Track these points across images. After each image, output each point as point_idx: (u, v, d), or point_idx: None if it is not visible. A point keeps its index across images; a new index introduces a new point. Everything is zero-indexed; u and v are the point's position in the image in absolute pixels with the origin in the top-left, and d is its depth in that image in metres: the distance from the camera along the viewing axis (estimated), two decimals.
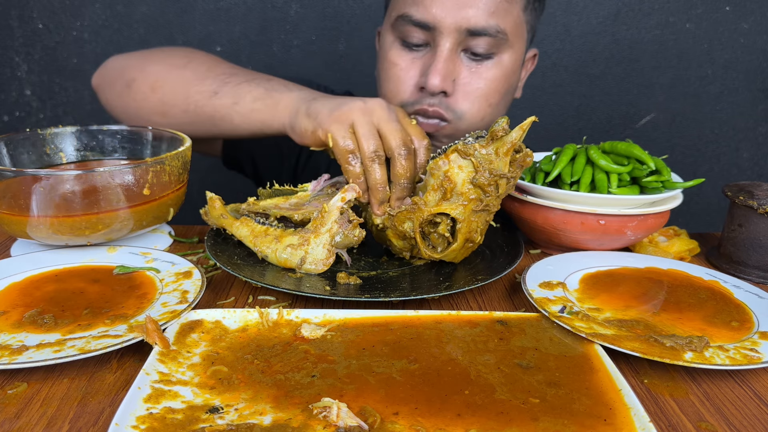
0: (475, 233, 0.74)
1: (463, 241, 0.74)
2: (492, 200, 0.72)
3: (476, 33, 0.89)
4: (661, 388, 0.58)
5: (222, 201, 0.84)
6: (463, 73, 0.93)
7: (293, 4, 1.65)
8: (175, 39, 1.65)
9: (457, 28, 0.88)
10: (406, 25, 0.92)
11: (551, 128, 1.79)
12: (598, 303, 0.70)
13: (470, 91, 0.93)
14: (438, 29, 0.89)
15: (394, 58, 0.96)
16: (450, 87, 0.92)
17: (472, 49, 0.91)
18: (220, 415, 0.49)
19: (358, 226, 0.76)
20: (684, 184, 0.84)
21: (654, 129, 1.78)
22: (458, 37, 0.89)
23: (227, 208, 0.84)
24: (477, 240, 0.75)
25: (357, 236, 0.76)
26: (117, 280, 0.72)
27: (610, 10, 1.66)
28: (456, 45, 0.90)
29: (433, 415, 0.50)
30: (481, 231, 0.75)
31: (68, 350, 0.56)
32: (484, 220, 0.75)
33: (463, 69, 0.93)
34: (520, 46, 0.96)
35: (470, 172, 0.71)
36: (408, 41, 0.93)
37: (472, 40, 0.90)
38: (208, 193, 0.85)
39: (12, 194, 0.74)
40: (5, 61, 1.65)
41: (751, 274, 0.84)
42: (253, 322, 0.63)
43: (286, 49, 1.69)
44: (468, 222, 0.73)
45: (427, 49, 0.93)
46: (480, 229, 0.75)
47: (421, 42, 0.93)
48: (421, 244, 0.75)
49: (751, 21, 1.67)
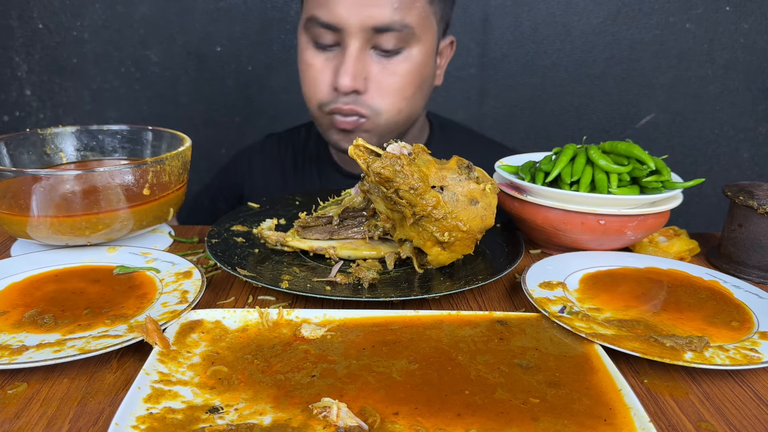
0: (437, 236, 0.72)
1: (432, 247, 0.73)
2: (413, 209, 0.71)
3: (382, 30, 0.91)
4: (661, 388, 0.58)
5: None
6: (374, 70, 0.95)
7: (293, 4, 1.65)
8: (175, 39, 1.65)
9: (362, 27, 0.91)
10: (316, 27, 0.95)
11: (551, 128, 1.79)
12: (598, 303, 0.70)
13: (383, 87, 0.97)
14: (345, 29, 0.92)
15: (308, 59, 0.99)
16: (362, 85, 0.95)
17: (380, 46, 0.94)
18: (220, 415, 0.49)
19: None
20: (684, 184, 0.84)
21: (654, 129, 1.78)
22: (365, 35, 0.92)
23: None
24: (447, 239, 0.72)
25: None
26: (117, 280, 0.72)
27: (610, 10, 1.66)
28: (364, 43, 0.93)
29: (433, 415, 0.50)
30: (447, 228, 0.72)
31: (68, 350, 0.56)
32: (436, 221, 0.71)
33: (374, 66, 0.96)
34: (430, 38, 0.99)
35: (378, 199, 0.74)
36: (320, 42, 0.96)
37: (379, 37, 0.93)
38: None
39: (12, 194, 0.74)
40: (5, 61, 1.65)
41: (751, 274, 0.84)
42: (253, 322, 0.63)
43: (286, 49, 1.69)
44: (417, 235, 0.73)
45: (338, 48, 0.96)
46: (442, 230, 0.72)
47: (332, 42, 0.95)
48: (415, 263, 0.77)
49: (751, 21, 1.67)
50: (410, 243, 0.76)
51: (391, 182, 0.70)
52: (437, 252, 0.73)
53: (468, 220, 0.72)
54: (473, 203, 0.72)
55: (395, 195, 0.71)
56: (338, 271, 0.75)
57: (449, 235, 0.71)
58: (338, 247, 0.80)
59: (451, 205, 0.71)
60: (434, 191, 0.71)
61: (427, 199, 0.70)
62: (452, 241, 0.72)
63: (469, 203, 0.72)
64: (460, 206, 0.71)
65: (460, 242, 0.73)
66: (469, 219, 0.72)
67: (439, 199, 0.70)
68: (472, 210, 0.72)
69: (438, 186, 0.71)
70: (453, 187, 0.72)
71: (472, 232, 0.73)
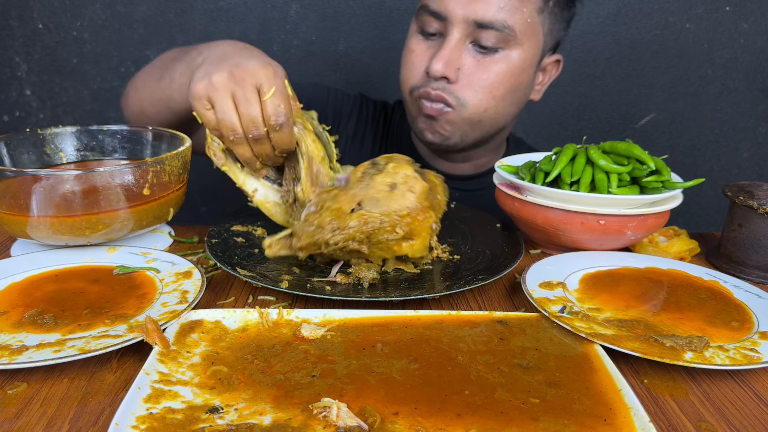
0: (392, 237, 0.71)
1: (401, 246, 0.73)
2: (354, 243, 0.71)
3: (484, 26, 0.95)
4: (661, 388, 0.58)
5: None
6: (468, 62, 0.98)
7: (293, 4, 1.65)
8: (175, 39, 1.65)
9: (465, 19, 0.95)
10: (424, 15, 1.00)
11: (551, 128, 1.79)
12: (598, 303, 0.70)
13: (474, 81, 0.99)
14: (449, 19, 0.96)
15: (412, 45, 1.04)
16: (453, 74, 0.98)
17: (479, 41, 0.97)
18: (220, 415, 0.49)
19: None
20: (684, 184, 0.84)
21: (654, 129, 1.78)
22: (466, 28, 0.96)
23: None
24: (403, 232, 0.71)
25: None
26: (117, 280, 0.72)
27: (610, 10, 1.66)
28: (464, 36, 0.97)
29: (433, 415, 0.50)
30: (393, 225, 0.71)
31: (68, 350, 0.56)
32: (380, 230, 0.71)
33: (469, 59, 0.98)
34: (532, 46, 1.00)
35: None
36: (426, 30, 1.01)
37: (480, 33, 0.96)
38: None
39: (12, 194, 0.74)
40: (5, 61, 1.65)
41: (751, 274, 0.84)
42: (253, 322, 0.63)
43: (286, 49, 1.69)
44: (382, 250, 0.73)
45: (441, 38, 1.00)
46: (392, 230, 0.71)
47: (437, 31, 1.00)
48: (407, 267, 0.78)
49: (751, 21, 1.67)
50: (386, 259, 0.77)
51: (318, 244, 0.71)
52: (408, 246, 0.73)
53: (400, 205, 0.71)
54: (392, 189, 0.72)
55: (333, 247, 0.71)
56: (338, 271, 0.75)
57: (401, 228, 0.71)
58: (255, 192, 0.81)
59: (376, 207, 0.71)
60: (355, 213, 0.70)
61: (354, 225, 0.70)
62: (408, 229, 0.72)
63: (391, 192, 0.71)
64: (384, 202, 0.71)
65: (416, 223, 0.72)
66: (400, 203, 0.71)
67: (363, 214, 0.70)
68: (397, 195, 0.71)
69: (355, 205, 0.71)
70: (366, 195, 0.71)
71: (413, 209, 0.72)
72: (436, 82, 0.99)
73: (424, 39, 1.02)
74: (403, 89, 1.07)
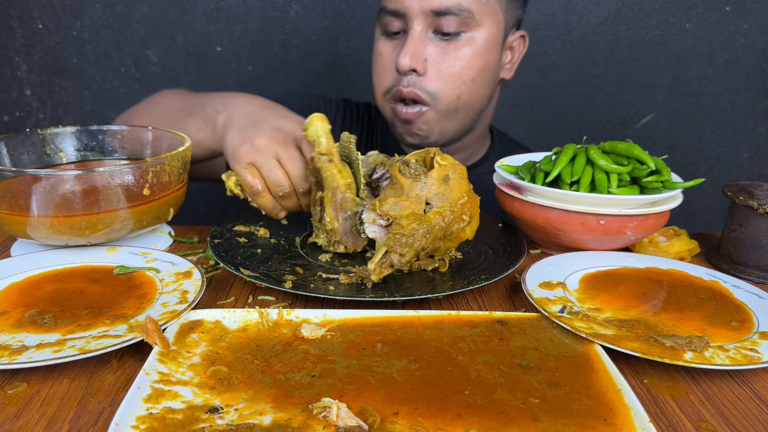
0: (461, 226, 0.75)
1: (466, 232, 0.76)
2: (438, 241, 0.75)
3: (441, 13, 0.97)
4: (661, 388, 0.58)
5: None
6: (433, 52, 1.00)
7: (293, 4, 1.65)
8: (175, 39, 1.65)
9: (423, 11, 0.97)
10: (385, 16, 1.02)
11: (551, 128, 1.79)
12: (598, 303, 0.70)
13: (442, 69, 1.01)
14: (408, 14, 0.98)
15: (379, 48, 1.06)
16: (421, 66, 0.99)
17: (441, 29, 0.99)
18: (220, 415, 0.49)
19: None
20: (684, 184, 0.84)
21: (654, 129, 1.78)
22: (426, 19, 0.98)
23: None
24: (468, 218, 0.75)
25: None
26: (117, 280, 0.72)
27: (610, 10, 1.66)
28: (425, 27, 0.99)
29: (433, 415, 0.50)
30: (462, 213, 0.75)
31: (68, 350, 0.56)
32: (454, 220, 0.74)
33: (434, 48, 1.00)
34: (493, 25, 1.02)
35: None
36: (389, 30, 1.03)
37: (439, 20, 0.98)
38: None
39: (12, 194, 0.74)
40: (5, 61, 1.65)
41: (751, 274, 0.84)
42: (253, 322, 0.63)
43: (286, 49, 1.68)
44: (453, 239, 0.77)
45: (405, 35, 1.01)
46: (459, 220, 0.75)
47: (399, 29, 1.02)
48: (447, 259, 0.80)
49: (751, 21, 1.67)
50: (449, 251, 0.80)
51: (417, 252, 0.73)
52: (470, 229, 0.77)
53: (459, 192, 0.74)
54: (447, 180, 0.74)
55: (427, 250, 0.74)
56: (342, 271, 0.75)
57: (466, 215, 0.75)
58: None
59: (442, 201, 0.73)
60: (429, 213, 0.73)
61: (437, 223, 0.72)
62: (470, 213, 0.76)
63: (447, 184, 0.74)
64: (447, 195, 0.74)
65: (473, 206, 0.76)
66: (459, 191, 0.74)
67: (437, 211, 0.73)
68: (453, 184, 0.74)
69: (424, 205, 0.73)
70: (430, 192, 0.73)
71: (471, 196, 0.76)
72: (406, 78, 1.00)
73: (388, 40, 1.04)
74: (377, 94, 1.08)
